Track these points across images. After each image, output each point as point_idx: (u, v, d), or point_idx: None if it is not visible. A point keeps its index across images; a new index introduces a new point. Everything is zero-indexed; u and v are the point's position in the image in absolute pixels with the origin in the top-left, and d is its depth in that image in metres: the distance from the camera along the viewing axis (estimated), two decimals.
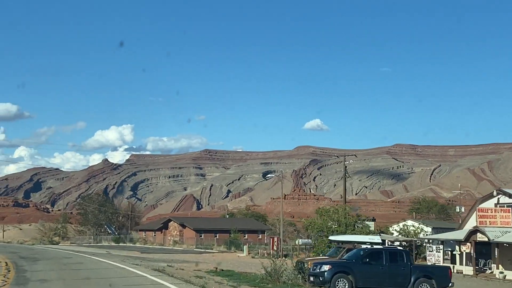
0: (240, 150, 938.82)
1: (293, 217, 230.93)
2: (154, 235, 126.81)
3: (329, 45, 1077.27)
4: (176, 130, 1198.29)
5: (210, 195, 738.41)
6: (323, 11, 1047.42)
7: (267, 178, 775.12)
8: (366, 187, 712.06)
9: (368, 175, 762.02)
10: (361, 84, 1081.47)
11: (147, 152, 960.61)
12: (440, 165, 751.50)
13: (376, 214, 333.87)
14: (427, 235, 69.53)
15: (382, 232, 72.50)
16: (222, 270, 40.45)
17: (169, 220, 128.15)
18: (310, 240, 76.42)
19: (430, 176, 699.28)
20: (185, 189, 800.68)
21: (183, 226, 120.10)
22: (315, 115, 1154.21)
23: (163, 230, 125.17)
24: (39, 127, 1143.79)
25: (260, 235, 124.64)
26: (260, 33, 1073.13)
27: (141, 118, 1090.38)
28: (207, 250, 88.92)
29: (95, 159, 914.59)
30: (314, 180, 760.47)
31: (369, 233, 61.23)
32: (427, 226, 78.79)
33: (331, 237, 57.66)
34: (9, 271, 33.74)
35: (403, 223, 79.88)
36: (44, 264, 41.42)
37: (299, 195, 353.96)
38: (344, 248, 39.05)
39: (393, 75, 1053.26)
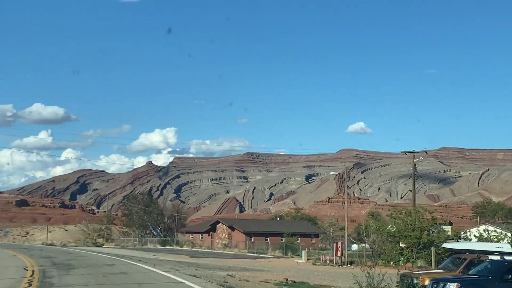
0: (283, 153, 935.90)
1: (337, 220, 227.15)
2: (201, 238, 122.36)
3: (374, 48, 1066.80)
4: (218, 133, 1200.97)
5: (252, 198, 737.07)
6: (368, 14, 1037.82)
7: (310, 181, 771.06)
8: (412, 191, 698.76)
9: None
10: (406, 86, 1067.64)
11: (190, 155, 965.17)
12: (488, 169, 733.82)
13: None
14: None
15: (460, 238, 67.02)
16: (294, 282, 34.84)
17: (217, 222, 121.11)
18: (366, 245, 72.51)
19: (478, 181, 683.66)
20: (227, 191, 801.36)
21: (232, 228, 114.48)
22: (359, 118, 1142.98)
23: (210, 232, 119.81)
24: (85, 130, 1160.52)
25: (314, 239, 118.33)
26: (303, 35, 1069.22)
27: (184, 121, 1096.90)
28: (260, 255, 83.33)
29: (140, 162, 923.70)
30: (358, 183, 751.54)
31: (447, 238, 56.59)
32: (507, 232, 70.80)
33: (445, 245, 48.30)
34: (30, 285, 26.70)
35: (482, 227, 73.51)
36: (79, 275, 32.82)
37: (343, 198, 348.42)
38: (464, 259, 31.33)
39: (440, 77, 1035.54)
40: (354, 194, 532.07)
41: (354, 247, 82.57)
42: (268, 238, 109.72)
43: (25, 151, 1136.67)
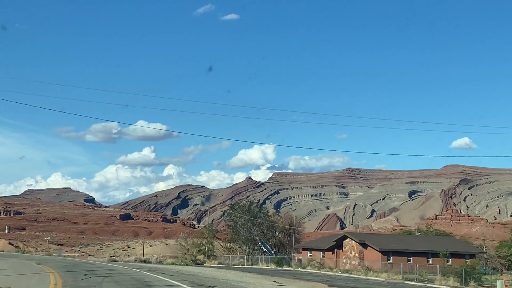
0: (384, 169, 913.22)
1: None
2: (323, 256, 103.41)
3: (475, 64, 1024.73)
4: (318, 149, 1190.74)
5: (353, 215, 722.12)
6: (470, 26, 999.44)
7: (413, 198, 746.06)
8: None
9: None
10: None
11: (289, 171, 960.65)
12: None
13: None
14: None
15: None
16: None
17: (344, 237, 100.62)
18: None
19: None
20: (327, 208, 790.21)
21: (364, 245, 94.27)
22: (463, 134, 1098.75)
23: (335, 250, 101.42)
24: (186, 146, 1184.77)
25: (469, 260, 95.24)
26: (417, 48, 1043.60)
27: (284, 137, 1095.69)
28: (427, 285, 60.72)
29: (239, 178, 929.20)
30: (464, 200, 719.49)
31: None
32: None
33: None
34: None
35: None
36: None
37: (451, 215, 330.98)
38: None
39: None
40: (460, 211, 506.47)
41: None
42: (411, 259, 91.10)
43: (130, 167, 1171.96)
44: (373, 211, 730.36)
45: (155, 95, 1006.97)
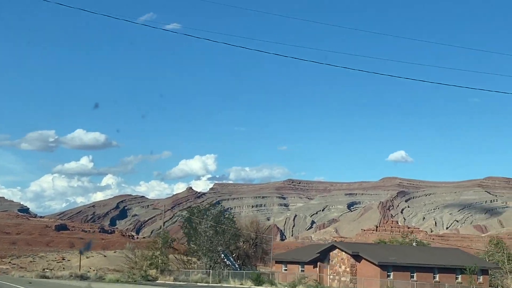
0: (324, 181, 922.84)
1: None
2: (302, 270, 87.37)
3: (411, 75, 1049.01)
4: (258, 161, 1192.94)
5: (294, 226, 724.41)
6: (407, 41, 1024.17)
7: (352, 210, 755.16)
8: (458, 221, 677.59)
9: (459, 208, 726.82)
10: (448, 115, 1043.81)
11: (230, 181, 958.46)
12: None
13: (474, 250, 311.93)
14: None
15: None
16: None
17: (332, 248, 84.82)
18: None
19: None
20: (268, 219, 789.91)
21: (357, 257, 79.58)
22: (399, 147, 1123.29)
23: (317, 263, 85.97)
24: (125, 156, 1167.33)
25: (481, 277, 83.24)
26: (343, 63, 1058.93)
27: (224, 148, 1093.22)
28: None
29: (179, 188, 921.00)
30: (402, 212, 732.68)
31: None
32: None
33: None
34: None
35: None
36: None
37: (391, 226, 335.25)
38: None
39: (483, 105, 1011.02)
40: (398, 223, 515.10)
41: None
42: (415, 274, 78.15)
43: (67, 176, 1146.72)
44: (313, 222, 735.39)
45: (95, 102, 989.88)
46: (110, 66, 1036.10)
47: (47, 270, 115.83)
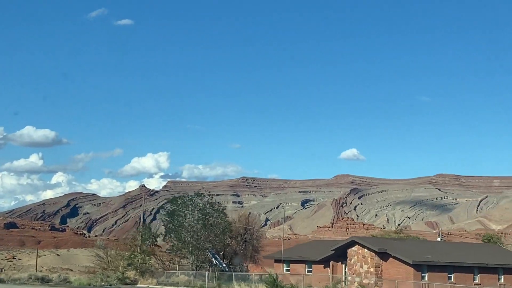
0: (278, 178, 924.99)
1: None
2: (309, 271, 73.77)
3: (366, 75, 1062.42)
4: (211, 158, 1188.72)
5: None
6: (359, 41, 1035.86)
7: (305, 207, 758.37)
8: (409, 218, 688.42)
9: (410, 205, 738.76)
10: (399, 113, 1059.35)
11: (183, 179, 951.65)
12: (487, 196, 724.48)
13: None
14: None
15: None
16: None
17: (351, 244, 68.78)
18: None
19: (477, 208, 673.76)
20: None
21: (384, 255, 65.08)
22: (351, 145, 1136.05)
23: (330, 262, 71.85)
24: (76, 153, 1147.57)
25: None
26: (299, 62, 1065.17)
27: (177, 145, 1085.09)
28: None
29: (131, 186, 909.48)
30: (355, 209, 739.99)
31: None
32: None
33: None
34: None
35: None
36: None
37: (347, 223, 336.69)
38: None
39: (433, 104, 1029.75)
40: (354, 220, 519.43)
41: None
42: (453, 275, 65.12)
43: (15, 174, 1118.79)
44: (267, 219, 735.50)
45: (44, 100, 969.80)
46: (57, 64, 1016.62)
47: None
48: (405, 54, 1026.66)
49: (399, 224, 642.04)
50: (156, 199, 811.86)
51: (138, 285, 71.71)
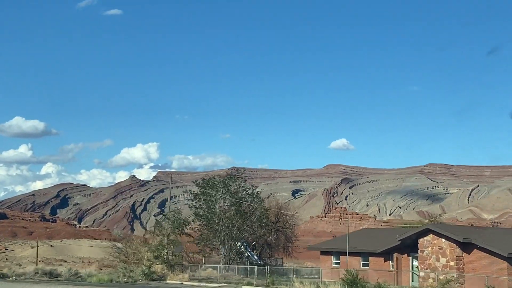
0: (268, 168, 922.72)
1: (335, 236, 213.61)
2: (364, 265, 63.90)
3: (355, 64, 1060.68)
4: (200, 149, 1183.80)
5: None
6: (348, 31, 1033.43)
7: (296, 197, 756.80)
8: (400, 207, 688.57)
9: (402, 195, 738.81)
10: (389, 103, 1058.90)
11: (173, 170, 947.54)
12: (478, 186, 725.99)
13: None
14: None
15: None
16: None
17: (423, 233, 57.68)
18: None
19: (468, 197, 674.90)
20: None
21: (466, 246, 54.09)
22: (341, 134, 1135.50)
23: (393, 255, 61.02)
24: (65, 144, 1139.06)
25: None
26: (287, 51, 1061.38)
27: (166, 136, 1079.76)
28: None
29: (121, 177, 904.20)
30: (346, 199, 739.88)
31: None
32: None
33: None
34: None
35: None
36: None
37: (340, 213, 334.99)
38: None
39: (423, 93, 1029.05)
40: (347, 209, 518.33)
41: None
42: None
43: (4, 165, 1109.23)
44: None
45: (33, 91, 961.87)
46: (46, 54, 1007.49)
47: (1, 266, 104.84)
48: (395, 44, 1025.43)
49: (390, 214, 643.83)
50: (146, 189, 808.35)
51: (169, 281, 60.96)
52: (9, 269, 64.14)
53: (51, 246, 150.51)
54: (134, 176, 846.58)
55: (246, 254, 74.80)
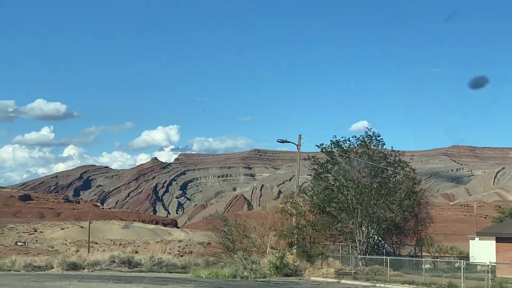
0: (290, 151, 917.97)
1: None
2: None
3: (378, 47, 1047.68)
4: (221, 131, 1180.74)
5: (261, 196, 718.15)
6: (364, 11, 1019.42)
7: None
8: (425, 190, 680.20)
9: (425, 177, 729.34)
10: (411, 85, 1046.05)
11: (193, 152, 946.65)
12: (504, 168, 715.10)
13: (445, 218, 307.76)
14: None
15: None
16: None
17: None
18: None
19: (494, 179, 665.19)
20: (234, 189, 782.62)
21: None
22: (362, 117, 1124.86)
23: None
24: (87, 126, 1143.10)
25: None
26: (312, 35, 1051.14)
27: (187, 118, 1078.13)
28: None
29: (142, 159, 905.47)
30: None
31: None
32: None
33: None
34: None
35: None
36: None
37: None
38: None
39: (445, 75, 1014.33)
40: None
41: None
42: None
43: (27, 147, 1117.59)
44: (279, 192, 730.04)
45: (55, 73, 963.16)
46: (67, 38, 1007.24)
47: (24, 246, 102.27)
48: (420, 22, 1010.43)
49: None
50: (168, 171, 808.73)
51: (312, 278, 43.82)
52: (79, 258, 49.39)
53: (81, 227, 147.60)
54: (156, 158, 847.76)
55: (381, 243, 57.12)
